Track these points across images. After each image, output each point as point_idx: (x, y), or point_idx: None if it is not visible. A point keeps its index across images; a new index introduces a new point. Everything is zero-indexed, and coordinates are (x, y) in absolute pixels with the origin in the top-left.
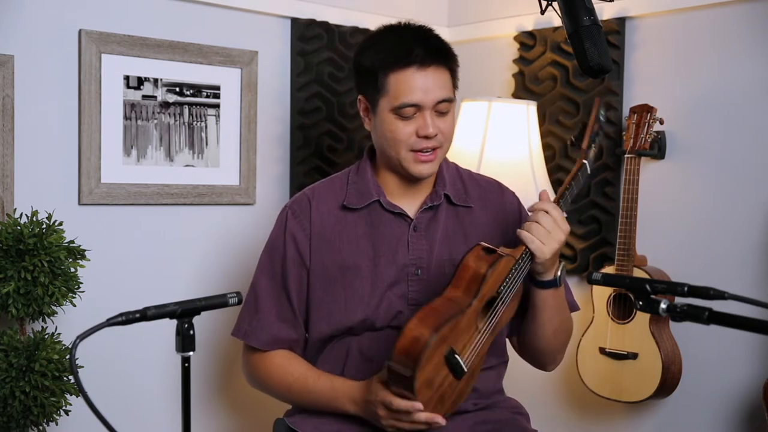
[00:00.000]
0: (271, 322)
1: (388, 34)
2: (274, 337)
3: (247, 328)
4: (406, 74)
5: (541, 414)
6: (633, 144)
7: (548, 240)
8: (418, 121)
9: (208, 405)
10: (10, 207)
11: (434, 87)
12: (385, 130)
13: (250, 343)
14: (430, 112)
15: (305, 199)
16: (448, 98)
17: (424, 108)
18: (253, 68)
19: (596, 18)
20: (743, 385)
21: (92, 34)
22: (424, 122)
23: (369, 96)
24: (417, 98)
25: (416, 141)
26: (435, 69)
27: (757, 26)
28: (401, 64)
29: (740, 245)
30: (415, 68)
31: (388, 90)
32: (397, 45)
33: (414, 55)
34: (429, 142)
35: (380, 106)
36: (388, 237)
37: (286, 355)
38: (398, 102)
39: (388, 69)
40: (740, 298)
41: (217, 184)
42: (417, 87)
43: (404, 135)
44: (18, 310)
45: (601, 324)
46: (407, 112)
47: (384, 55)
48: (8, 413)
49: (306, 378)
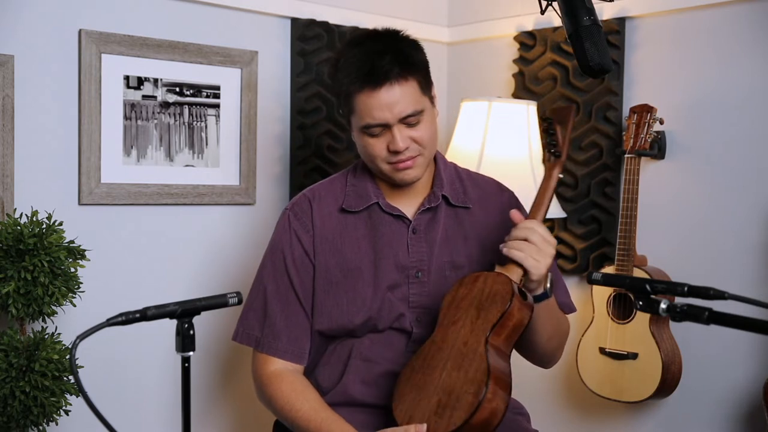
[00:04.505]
0: (282, 329)
1: (351, 51)
2: (287, 345)
3: (258, 335)
4: (368, 94)
5: (541, 414)
6: (633, 144)
7: (541, 257)
8: (387, 136)
9: (208, 405)
10: (10, 207)
11: (396, 103)
12: (361, 147)
13: (263, 351)
14: (398, 127)
15: (306, 201)
16: (414, 112)
17: (391, 125)
18: (253, 68)
19: (596, 18)
20: (743, 385)
21: (92, 34)
22: (393, 138)
23: (343, 114)
24: (379, 118)
25: (389, 155)
26: (397, 84)
27: (757, 26)
28: (363, 84)
29: (740, 245)
30: (376, 87)
31: (355, 109)
32: (356, 65)
33: (372, 73)
34: (402, 155)
35: (352, 124)
36: (388, 239)
37: (296, 386)
38: (363, 122)
39: (353, 89)
40: (740, 298)
41: (217, 184)
42: (378, 106)
43: (377, 151)
44: (18, 310)
45: (601, 324)
46: (374, 131)
47: (346, 77)
48: (8, 413)
49: (309, 420)
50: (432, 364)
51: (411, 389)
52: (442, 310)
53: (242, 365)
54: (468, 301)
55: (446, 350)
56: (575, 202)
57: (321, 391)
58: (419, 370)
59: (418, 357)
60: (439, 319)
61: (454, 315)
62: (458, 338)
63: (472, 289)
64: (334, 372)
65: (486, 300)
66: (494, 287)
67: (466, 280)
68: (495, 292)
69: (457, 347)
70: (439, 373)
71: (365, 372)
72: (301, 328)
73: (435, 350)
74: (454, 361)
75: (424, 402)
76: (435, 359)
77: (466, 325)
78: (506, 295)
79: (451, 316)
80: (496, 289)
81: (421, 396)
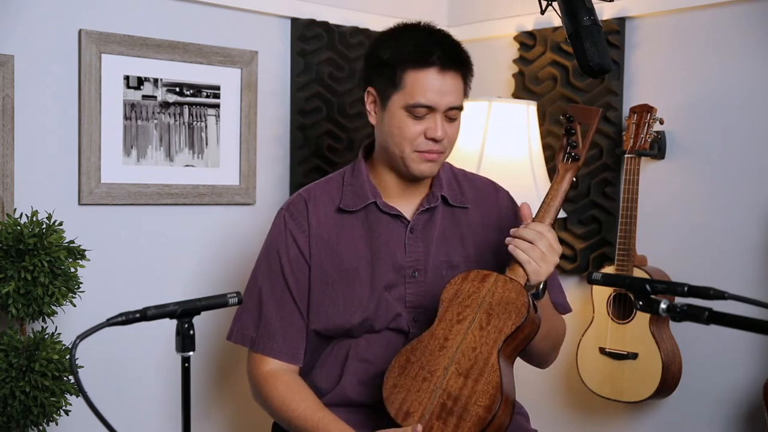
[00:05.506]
0: (277, 329)
1: (411, 30)
2: (282, 346)
3: (253, 335)
4: (425, 74)
5: (541, 414)
6: (633, 144)
7: (544, 263)
8: (428, 122)
9: (208, 405)
10: (10, 207)
11: (449, 92)
12: (393, 126)
13: (258, 351)
14: (441, 116)
15: (301, 201)
16: (459, 106)
17: (437, 111)
18: (253, 68)
19: (596, 18)
20: (743, 385)
21: (92, 34)
22: (435, 124)
23: (381, 89)
24: (432, 100)
25: (422, 142)
26: (452, 75)
27: (757, 26)
28: (422, 64)
29: (740, 245)
30: (435, 70)
31: (404, 86)
32: (419, 43)
33: (435, 56)
34: (435, 146)
35: (392, 100)
36: (385, 239)
37: (292, 386)
38: (413, 100)
39: (407, 65)
40: (740, 298)
41: (217, 184)
42: (434, 89)
43: (412, 134)
44: (18, 310)
45: (601, 324)
46: (419, 112)
47: (405, 51)
48: (8, 413)
49: (306, 420)
50: (433, 360)
51: (407, 381)
52: (443, 303)
53: (242, 365)
54: (476, 301)
55: (450, 350)
56: (575, 202)
57: (319, 392)
58: (416, 363)
59: (415, 349)
60: (440, 313)
61: (460, 313)
62: (465, 341)
63: (480, 288)
64: (331, 373)
65: (498, 306)
66: (507, 294)
67: (472, 275)
68: (508, 300)
69: (463, 350)
70: (443, 373)
71: (362, 373)
72: (297, 328)
73: (436, 346)
74: (461, 365)
75: (425, 400)
76: (437, 357)
77: (474, 328)
78: (522, 308)
79: (456, 312)
80: (509, 297)
81: (421, 392)
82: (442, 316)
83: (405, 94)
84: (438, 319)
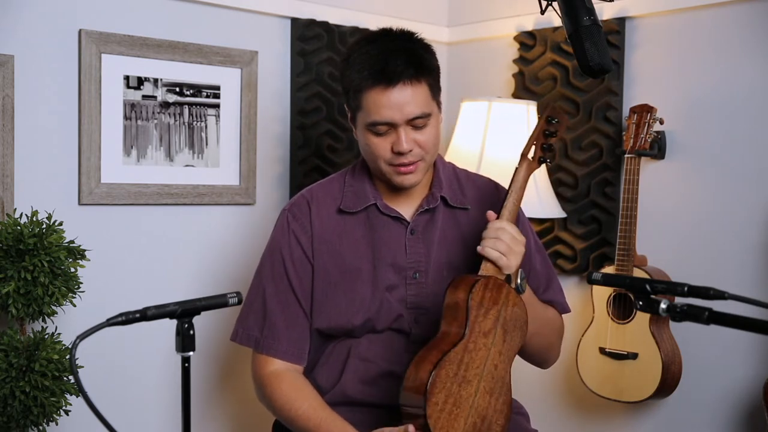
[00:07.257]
0: (282, 330)
1: (364, 47)
2: (287, 347)
3: (258, 336)
4: (377, 92)
5: (541, 414)
6: (633, 144)
7: (512, 255)
8: (392, 136)
9: (208, 405)
10: (10, 207)
11: (407, 103)
12: (364, 144)
13: (263, 352)
14: (404, 128)
15: (304, 202)
16: (422, 114)
17: (398, 125)
18: (253, 68)
19: (596, 18)
20: (743, 385)
21: (92, 34)
22: (398, 139)
23: (350, 109)
24: (387, 116)
25: (392, 156)
26: (409, 85)
27: (757, 26)
28: (373, 82)
29: (740, 245)
30: (384, 86)
31: (363, 107)
32: (369, 61)
33: (386, 71)
34: (405, 158)
35: (357, 121)
36: (386, 240)
37: (296, 386)
38: (370, 119)
39: (362, 85)
40: (740, 298)
41: (217, 184)
42: (387, 105)
43: (381, 150)
44: (18, 310)
45: (601, 324)
46: (381, 129)
47: (358, 72)
48: (8, 413)
49: (309, 419)
50: (467, 377)
51: (448, 399)
52: (472, 310)
53: (242, 365)
54: (495, 314)
55: (478, 365)
56: (575, 202)
57: (320, 390)
58: (454, 380)
59: (452, 362)
60: (471, 319)
61: (485, 324)
62: (489, 356)
63: (497, 298)
64: (332, 372)
65: (510, 322)
66: (516, 311)
67: (491, 283)
68: (517, 317)
69: (488, 367)
70: (474, 391)
71: (364, 372)
72: (301, 328)
73: (469, 359)
74: (487, 383)
75: (461, 420)
76: (470, 372)
77: (497, 344)
78: (524, 325)
79: (483, 324)
80: (518, 314)
81: (459, 412)
82: (472, 325)
83: (364, 114)
84: (470, 327)
